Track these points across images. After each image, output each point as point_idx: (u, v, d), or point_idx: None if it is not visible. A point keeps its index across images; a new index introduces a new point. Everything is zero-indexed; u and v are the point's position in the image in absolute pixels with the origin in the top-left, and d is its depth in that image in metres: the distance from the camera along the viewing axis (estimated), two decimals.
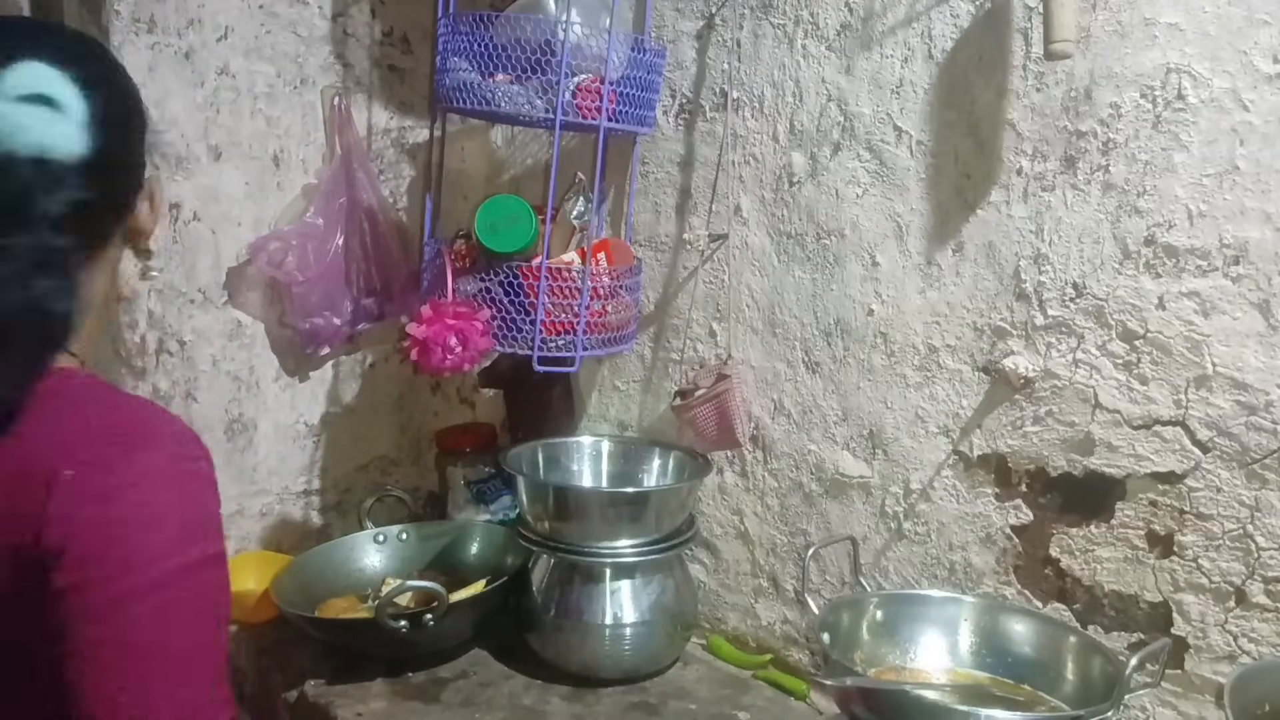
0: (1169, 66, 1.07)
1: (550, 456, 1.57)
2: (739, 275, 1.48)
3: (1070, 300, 1.16)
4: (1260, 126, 1.03)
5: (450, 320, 1.36)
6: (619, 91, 1.38)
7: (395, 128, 1.73)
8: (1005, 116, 1.19)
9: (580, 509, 1.40)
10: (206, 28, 1.46)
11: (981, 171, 1.22)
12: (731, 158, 1.46)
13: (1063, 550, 1.20)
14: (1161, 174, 1.09)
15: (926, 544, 1.32)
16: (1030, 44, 1.16)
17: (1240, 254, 1.05)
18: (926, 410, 1.30)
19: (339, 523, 1.74)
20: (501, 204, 1.40)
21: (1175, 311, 1.09)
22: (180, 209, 1.46)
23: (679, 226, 1.56)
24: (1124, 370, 1.13)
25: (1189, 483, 1.10)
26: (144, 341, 1.47)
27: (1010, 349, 1.22)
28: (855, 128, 1.33)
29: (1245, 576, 1.07)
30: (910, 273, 1.30)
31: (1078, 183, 1.14)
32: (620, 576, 1.38)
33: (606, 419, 1.70)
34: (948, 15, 1.23)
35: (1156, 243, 1.10)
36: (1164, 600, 1.12)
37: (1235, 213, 1.05)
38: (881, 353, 1.34)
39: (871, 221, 1.33)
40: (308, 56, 1.59)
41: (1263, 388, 1.04)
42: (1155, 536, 1.13)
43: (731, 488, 1.52)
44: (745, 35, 1.43)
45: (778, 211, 1.43)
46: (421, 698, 1.33)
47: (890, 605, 1.22)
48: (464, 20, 1.37)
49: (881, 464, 1.35)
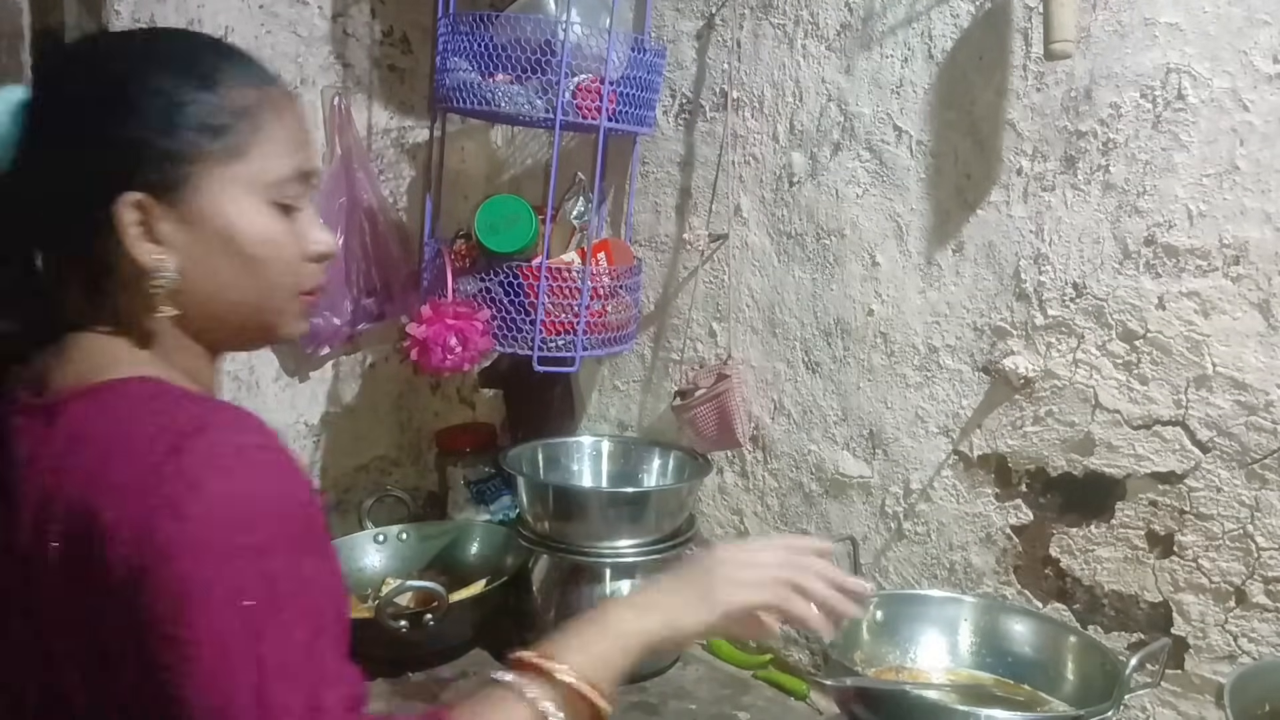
0: (1169, 66, 1.07)
1: (550, 456, 1.57)
2: (739, 275, 1.48)
3: (1070, 300, 1.16)
4: (1260, 126, 1.03)
5: (450, 320, 1.36)
6: (619, 91, 1.38)
7: (395, 128, 1.73)
8: (1005, 116, 1.19)
9: (580, 509, 1.40)
10: (207, 28, 1.46)
11: (981, 171, 1.22)
12: (731, 158, 1.46)
13: (1063, 550, 1.20)
14: (1161, 174, 1.09)
15: (926, 544, 1.32)
16: (1030, 44, 1.16)
17: (1240, 254, 1.05)
18: (926, 410, 1.30)
19: (339, 522, 1.73)
20: (501, 204, 1.40)
21: (1175, 311, 1.09)
22: None
23: (679, 226, 1.56)
24: (1124, 370, 1.13)
25: (1189, 483, 1.10)
26: None
27: (1010, 349, 1.22)
28: (855, 128, 1.33)
29: (1245, 576, 1.07)
30: (910, 273, 1.30)
31: (1078, 183, 1.14)
32: (620, 576, 1.38)
33: (606, 419, 1.70)
34: (948, 15, 1.23)
35: (1156, 243, 1.10)
36: (1164, 600, 1.12)
37: (1235, 213, 1.05)
38: (881, 353, 1.34)
39: (871, 221, 1.33)
40: (308, 56, 1.59)
41: (1263, 388, 1.04)
42: (1155, 536, 1.13)
43: (731, 488, 1.52)
44: (745, 35, 1.43)
45: (778, 211, 1.43)
46: (422, 697, 1.32)
47: (890, 605, 1.22)
48: (464, 20, 1.37)
49: (881, 464, 1.35)
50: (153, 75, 0.72)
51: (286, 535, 0.63)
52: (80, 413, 0.68)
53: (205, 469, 0.62)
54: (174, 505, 0.60)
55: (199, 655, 0.59)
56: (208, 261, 0.73)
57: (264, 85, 0.76)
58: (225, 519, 0.61)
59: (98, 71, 0.74)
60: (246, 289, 0.75)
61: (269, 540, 0.62)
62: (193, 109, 0.72)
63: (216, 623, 0.59)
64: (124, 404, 0.68)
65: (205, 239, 0.73)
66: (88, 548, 0.61)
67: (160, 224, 0.71)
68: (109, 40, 0.81)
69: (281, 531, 0.63)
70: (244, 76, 0.75)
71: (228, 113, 0.73)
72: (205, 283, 0.74)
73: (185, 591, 0.59)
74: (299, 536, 0.64)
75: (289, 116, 0.77)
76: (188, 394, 0.70)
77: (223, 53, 0.77)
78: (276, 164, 0.75)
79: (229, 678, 0.59)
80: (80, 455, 0.65)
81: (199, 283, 0.73)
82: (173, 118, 0.71)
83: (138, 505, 0.61)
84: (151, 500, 0.60)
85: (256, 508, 0.62)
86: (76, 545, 0.62)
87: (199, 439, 0.63)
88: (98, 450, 0.64)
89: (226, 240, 0.73)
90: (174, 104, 0.71)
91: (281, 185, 0.75)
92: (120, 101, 0.72)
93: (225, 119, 0.73)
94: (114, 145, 0.71)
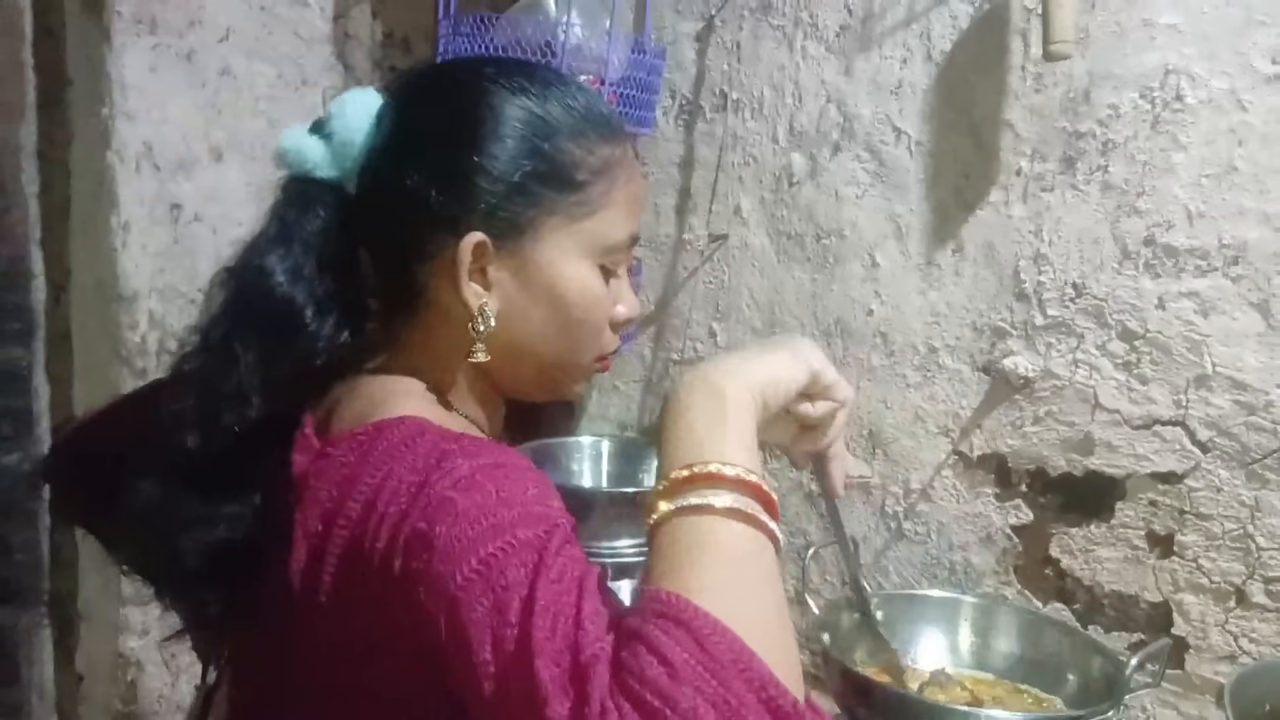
0: (1168, 67, 1.07)
1: (551, 456, 1.57)
2: (739, 275, 1.48)
3: (1070, 300, 1.16)
4: (1259, 127, 1.03)
5: None
6: (619, 92, 1.39)
7: None
8: (1004, 117, 1.19)
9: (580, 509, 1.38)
10: (208, 29, 1.46)
11: (981, 172, 1.22)
12: (731, 158, 1.47)
13: (1063, 550, 1.20)
14: (1160, 174, 1.09)
15: (926, 544, 1.32)
16: (1029, 45, 1.16)
17: (1239, 254, 1.05)
18: (926, 410, 1.30)
19: None
20: None
21: (1175, 311, 1.09)
22: (181, 209, 1.46)
23: (679, 227, 1.56)
24: (1124, 370, 1.13)
25: (1189, 483, 1.10)
26: (144, 341, 1.47)
27: (1010, 349, 1.22)
28: (854, 128, 1.33)
29: (1245, 576, 1.07)
30: (910, 273, 1.30)
31: (1077, 183, 1.15)
32: (620, 576, 1.37)
33: (606, 419, 1.70)
34: (946, 16, 1.23)
35: (1156, 243, 1.10)
36: (1164, 600, 1.13)
37: (1234, 213, 1.05)
38: (881, 353, 1.34)
39: (871, 222, 1.33)
40: (309, 58, 1.59)
41: (1262, 387, 1.05)
42: (1155, 536, 1.13)
43: None
44: (745, 36, 1.43)
45: (777, 212, 1.43)
46: None
47: (890, 605, 1.22)
48: (465, 22, 1.37)
49: (881, 464, 1.35)
50: (525, 117, 0.71)
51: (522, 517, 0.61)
52: (345, 454, 0.66)
53: (448, 490, 0.60)
54: (429, 522, 0.59)
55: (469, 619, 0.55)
56: (528, 311, 0.72)
57: (622, 144, 0.75)
58: (470, 522, 0.59)
59: (471, 100, 0.72)
60: (555, 344, 0.74)
61: (508, 521, 0.59)
62: (556, 159, 0.71)
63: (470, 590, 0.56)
64: (384, 444, 0.65)
65: (532, 289, 0.72)
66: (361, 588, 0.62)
67: (492, 267, 0.71)
68: (488, 67, 0.76)
69: (518, 517, 0.60)
70: (608, 134, 0.74)
71: (587, 169, 0.72)
72: (519, 332, 0.73)
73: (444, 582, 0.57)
74: (535, 516, 0.62)
75: (636, 180, 0.76)
76: (445, 433, 0.66)
77: (593, 105, 0.75)
78: (616, 227, 0.74)
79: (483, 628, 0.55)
80: (346, 500, 0.63)
81: (513, 331, 0.72)
82: (535, 165, 0.70)
83: (396, 534, 0.60)
84: (406, 529, 0.60)
85: (492, 504, 0.60)
86: (349, 582, 0.63)
87: (439, 469, 0.61)
88: (364, 493, 0.63)
89: (552, 295, 0.72)
90: (539, 151, 0.70)
91: (615, 249, 0.74)
92: (486, 138, 0.70)
93: (584, 175, 0.72)
94: (470, 181, 0.70)
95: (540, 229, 0.71)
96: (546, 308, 0.73)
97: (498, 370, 0.75)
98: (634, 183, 0.76)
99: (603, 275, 0.75)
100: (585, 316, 0.74)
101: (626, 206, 0.75)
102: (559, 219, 0.71)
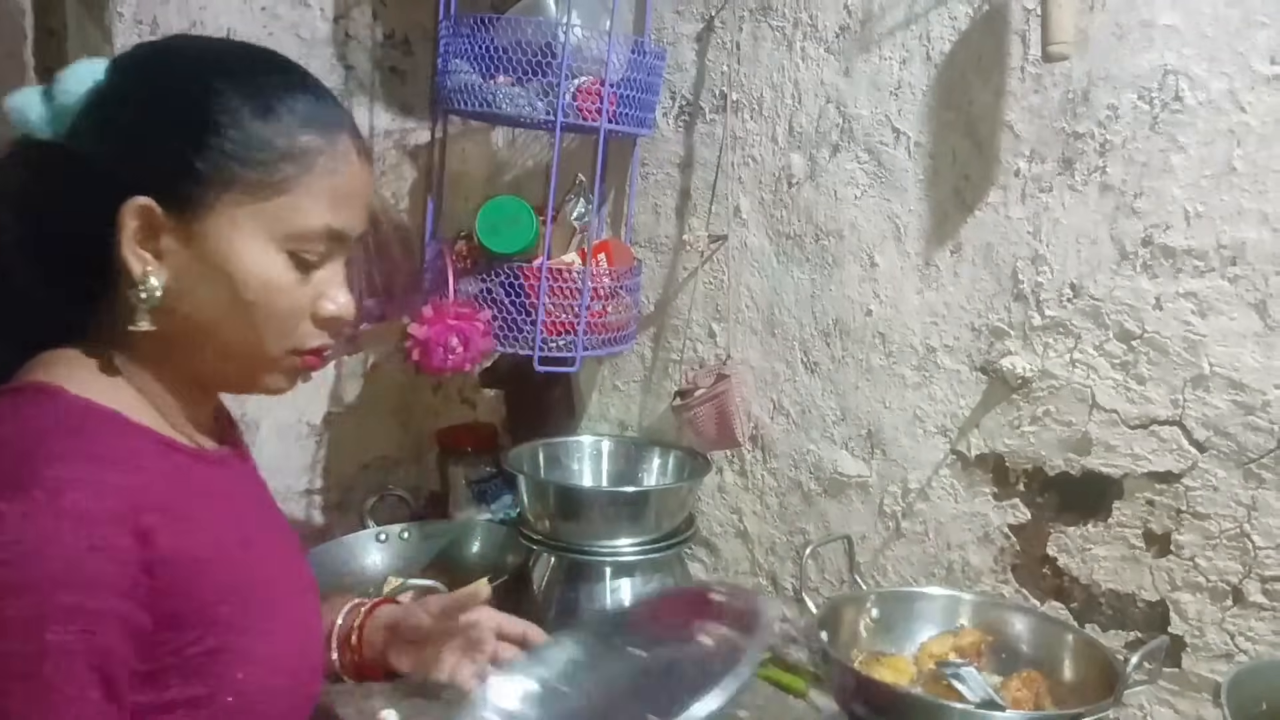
0: (1166, 68, 1.08)
1: (551, 456, 1.58)
2: (738, 276, 1.49)
3: (1068, 301, 1.17)
4: (1257, 128, 1.03)
5: (451, 321, 1.36)
6: (619, 93, 1.39)
7: (397, 130, 1.73)
8: (1003, 118, 1.20)
9: (581, 508, 1.40)
10: (208, 29, 1.47)
11: (979, 173, 1.23)
12: (731, 159, 1.47)
13: (1060, 549, 1.20)
14: (1159, 175, 1.09)
15: (924, 543, 1.32)
16: (1028, 46, 1.16)
17: (1237, 254, 1.05)
18: (925, 410, 1.31)
19: (341, 521, 1.74)
20: (502, 205, 1.41)
21: (1172, 312, 1.10)
22: None
23: (679, 227, 1.56)
24: (1121, 370, 1.14)
25: (1186, 482, 1.10)
26: None
27: (1008, 349, 1.22)
28: (854, 129, 1.34)
29: (1242, 575, 1.07)
30: (908, 273, 1.30)
31: (1075, 184, 1.15)
32: (620, 575, 1.38)
33: (606, 419, 1.70)
34: (946, 18, 1.24)
35: (1154, 243, 1.10)
36: (1161, 599, 1.13)
37: (1232, 214, 1.05)
38: (880, 353, 1.34)
39: (870, 222, 1.34)
40: (309, 59, 1.59)
41: (1259, 388, 1.05)
42: (1152, 535, 1.13)
43: (731, 487, 1.53)
44: (744, 37, 1.44)
45: (777, 212, 1.44)
46: (422, 696, 1.33)
47: (888, 603, 1.23)
48: (465, 22, 1.38)
49: (880, 463, 1.36)
50: (214, 89, 0.71)
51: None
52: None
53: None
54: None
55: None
56: (199, 288, 0.72)
57: (330, 136, 0.74)
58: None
59: (166, 70, 0.73)
60: (233, 330, 0.73)
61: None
62: (236, 134, 0.70)
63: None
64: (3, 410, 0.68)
65: (202, 265, 0.71)
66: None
67: (163, 236, 0.70)
68: (195, 44, 0.79)
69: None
70: (312, 121, 0.73)
71: (275, 150, 0.71)
72: (192, 310, 0.72)
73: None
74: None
75: (346, 175, 0.75)
76: (70, 410, 0.69)
77: (302, 90, 0.74)
78: (309, 215, 0.73)
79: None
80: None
81: (186, 308, 0.71)
82: (211, 136, 0.70)
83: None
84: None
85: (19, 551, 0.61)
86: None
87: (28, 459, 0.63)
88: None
89: (222, 273, 0.71)
90: (218, 123, 0.70)
91: (304, 238, 0.73)
92: (171, 106, 0.71)
93: (268, 154, 0.71)
94: (145, 145, 0.70)
95: (213, 203, 0.70)
96: (216, 285, 0.71)
97: (180, 350, 0.74)
98: (340, 176, 0.74)
99: (296, 264, 0.73)
100: (259, 300, 0.72)
101: (327, 198, 0.73)
102: (235, 195, 0.70)
